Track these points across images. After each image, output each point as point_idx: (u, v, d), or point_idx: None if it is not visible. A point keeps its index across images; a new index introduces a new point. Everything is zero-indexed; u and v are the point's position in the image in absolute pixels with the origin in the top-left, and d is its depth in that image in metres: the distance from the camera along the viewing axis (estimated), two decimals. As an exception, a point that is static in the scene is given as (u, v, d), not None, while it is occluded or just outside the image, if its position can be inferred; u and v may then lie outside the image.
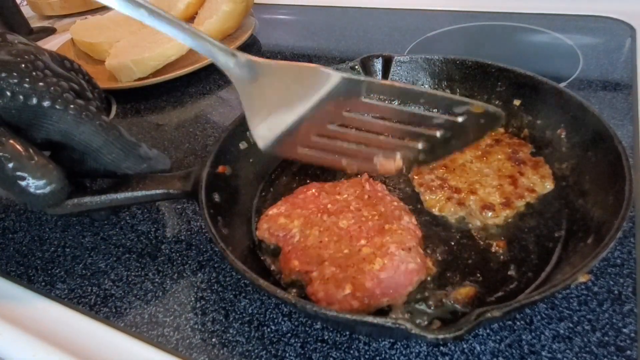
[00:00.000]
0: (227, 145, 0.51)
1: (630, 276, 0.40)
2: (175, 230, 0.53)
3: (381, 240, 0.41)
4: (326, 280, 0.39)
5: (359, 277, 0.39)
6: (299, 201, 0.48)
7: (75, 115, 0.43)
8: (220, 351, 0.39)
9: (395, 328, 0.30)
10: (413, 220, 0.45)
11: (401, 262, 0.39)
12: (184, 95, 0.81)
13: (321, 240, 0.43)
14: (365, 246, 0.42)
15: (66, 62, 0.50)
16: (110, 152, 0.45)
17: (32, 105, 0.42)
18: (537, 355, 0.36)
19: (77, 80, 0.47)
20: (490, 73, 0.56)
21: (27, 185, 0.41)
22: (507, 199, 0.46)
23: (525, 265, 0.41)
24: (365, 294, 0.38)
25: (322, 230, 0.44)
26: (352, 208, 0.46)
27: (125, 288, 0.47)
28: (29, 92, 0.41)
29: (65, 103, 0.43)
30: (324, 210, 0.46)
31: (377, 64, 0.61)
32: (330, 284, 0.38)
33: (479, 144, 0.53)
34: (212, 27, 0.89)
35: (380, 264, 0.39)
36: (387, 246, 0.41)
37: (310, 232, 0.44)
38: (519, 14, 0.88)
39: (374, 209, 0.45)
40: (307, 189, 0.49)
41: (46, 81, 0.42)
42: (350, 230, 0.43)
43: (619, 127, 0.56)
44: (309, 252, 0.42)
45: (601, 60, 0.71)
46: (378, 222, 0.44)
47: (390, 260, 0.39)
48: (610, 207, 0.38)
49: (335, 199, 0.47)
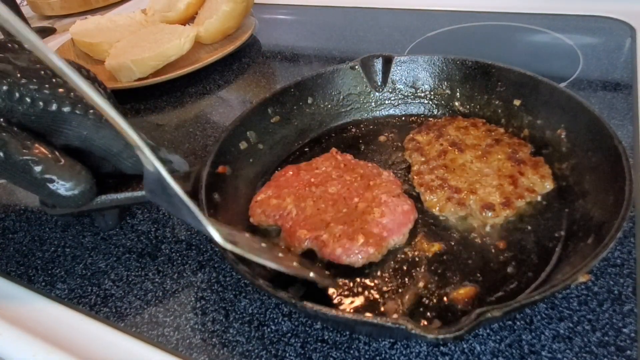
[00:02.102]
0: (226, 145, 0.51)
1: (630, 276, 0.40)
2: (175, 230, 0.53)
3: (371, 194, 0.47)
4: (338, 238, 0.42)
5: (366, 227, 0.43)
6: (282, 182, 0.50)
7: (95, 120, 0.43)
8: (221, 351, 0.39)
9: (395, 328, 0.30)
10: (391, 174, 0.50)
11: (396, 206, 0.45)
12: (184, 95, 0.81)
13: (318, 208, 0.46)
14: (359, 202, 0.46)
15: (83, 70, 0.50)
16: (131, 156, 0.45)
17: (52, 111, 0.42)
18: (537, 355, 0.36)
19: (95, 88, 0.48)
20: (490, 73, 0.56)
21: (57, 188, 0.41)
22: (507, 198, 0.46)
23: (525, 265, 0.41)
24: (376, 239, 0.42)
25: (316, 200, 0.47)
26: (334, 176, 0.50)
27: (125, 288, 0.47)
28: (49, 98, 0.41)
29: (85, 108, 0.43)
30: (309, 183, 0.49)
31: (377, 64, 0.61)
32: (344, 239, 0.42)
33: (480, 143, 0.53)
34: (212, 27, 0.89)
35: (379, 212, 0.44)
36: (379, 197, 0.46)
37: (306, 204, 0.47)
38: (519, 14, 0.88)
39: (353, 172, 0.50)
40: (284, 171, 0.52)
41: (66, 87, 0.43)
42: (341, 194, 0.48)
43: (619, 127, 0.56)
44: (311, 221, 0.45)
45: (601, 60, 0.71)
46: (362, 181, 0.49)
47: (387, 207, 0.45)
48: (610, 207, 0.38)
49: (315, 173, 0.51)
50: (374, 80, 0.62)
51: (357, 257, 0.42)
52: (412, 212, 0.46)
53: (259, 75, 0.85)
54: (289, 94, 0.59)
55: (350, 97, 0.62)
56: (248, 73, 0.86)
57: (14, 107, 0.40)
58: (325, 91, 0.61)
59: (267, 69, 0.86)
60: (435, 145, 0.54)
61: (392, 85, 0.62)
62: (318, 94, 0.61)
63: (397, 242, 0.44)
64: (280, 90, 0.58)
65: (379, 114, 0.63)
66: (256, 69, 0.87)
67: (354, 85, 0.62)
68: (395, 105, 0.63)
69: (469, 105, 0.59)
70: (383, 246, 0.43)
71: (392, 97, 0.63)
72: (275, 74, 0.85)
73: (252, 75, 0.85)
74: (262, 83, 0.82)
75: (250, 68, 0.87)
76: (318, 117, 0.60)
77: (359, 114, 0.63)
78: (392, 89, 0.62)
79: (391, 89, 0.62)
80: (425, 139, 0.55)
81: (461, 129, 0.55)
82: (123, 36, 0.90)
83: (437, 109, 0.61)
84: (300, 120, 0.59)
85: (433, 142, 0.54)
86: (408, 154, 0.55)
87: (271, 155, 0.57)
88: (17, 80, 0.40)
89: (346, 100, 0.62)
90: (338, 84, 0.61)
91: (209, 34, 0.90)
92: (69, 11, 1.26)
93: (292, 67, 0.86)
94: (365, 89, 0.62)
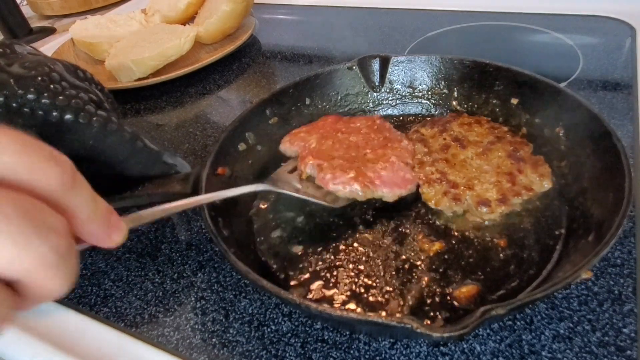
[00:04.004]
0: (226, 147, 0.51)
1: (631, 276, 0.40)
2: (175, 230, 0.53)
3: (384, 152, 0.50)
4: (335, 167, 0.47)
5: (362, 169, 0.47)
6: (319, 125, 0.55)
7: (99, 128, 0.42)
8: (221, 351, 0.39)
9: (400, 327, 0.30)
10: (411, 145, 0.53)
11: (400, 170, 0.48)
12: (184, 95, 0.81)
13: (333, 147, 0.51)
14: (370, 153, 0.49)
15: (79, 71, 0.48)
16: (138, 162, 0.44)
17: (53, 121, 0.40)
18: (537, 355, 0.36)
19: (94, 91, 0.46)
20: (488, 72, 0.57)
21: None
22: (503, 195, 0.46)
23: (526, 263, 0.41)
24: (366, 180, 0.45)
25: (335, 142, 0.52)
26: (363, 132, 0.53)
27: (125, 288, 0.47)
28: (49, 108, 0.39)
29: (89, 116, 0.41)
30: (338, 130, 0.54)
31: (375, 64, 0.61)
32: (338, 170, 0.46)
33: (482, 140, 0.53)
34: (212, 27, 0.89)
35: (382, 166, 0.47)
36: (389, 156, 0.49)
37: (325, 142, 0.51)
38: (519, 14, 0.88)
39: (380, 134, 0.53)
40: (326, 117, 0.57)
41: (65, 94, 0.40)
42: (358, 143, 0.51)
43: (619, 127, 0.56)
44: (322, 153, 0.50)
45: (601, 60, 0.71)
46: (382, 141, 0.52)
47: (391, 166, 0.48)
48: (610, 205, 0.38)
49: (350, 126, 0.55)
50: (372, 81, 0.62)
51: (340, 187, 0.45)
52: (411, 182, 0.48)
53: (259, 75, 0.85)
54: (287, 94, 0.59)
55: (348, 97, 0.62)
56: (248, 73, 0.86)
57: (13, 119, 0.38)
58: (322, 92, 0.61)
59: (267, 69, 0.86)
60: (439, 139, 0.54)
61: (390, 85, 0.62)
62: (316, 94, 0.61)
63: (384, 196, 0.46)
64: (278, 91, 0.58)
65: (377, 114, 0.63)
66: (256, 69, 0.87)
67: (351, 85, 0.62)
68: (393, 105, 0.63)
69: (467, 104, 0.59)
70: (369, 189, 0.45)
71: (390, 98, 0.63)
72: (275, 74, 0.85)
73: (252, 75, 0.85)
74: (262, 83, 0.82)
75: (250, 68, 0.87)
76: (316, 117, 0.60)
77: (357, 115, 0.63)
78: (390, 89, 0.62)
79: (389, 89, 0.62)
80: (429, 132, 0.56)
81: (465, 125, 0.55)
82: (123, 36, 0.90)
83: (434, 109, 0.61)
84: (298, 120, 0.59)
85: (437, 136, 0.55)
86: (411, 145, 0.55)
87: (270, 156, 0.57)
88: (14, 92, 0.38)
89: (344, 100, 0.62)
90: (335, 84, 0.61)
91: (209, 34, 0.90)
92: (69, 11, 1.26)
93: (292, 67, 0.86)
94: (363, 89, 0.62)
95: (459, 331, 0.29)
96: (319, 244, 0.46)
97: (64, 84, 0.41)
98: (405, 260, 0.43)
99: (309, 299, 0.41)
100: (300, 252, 0.45)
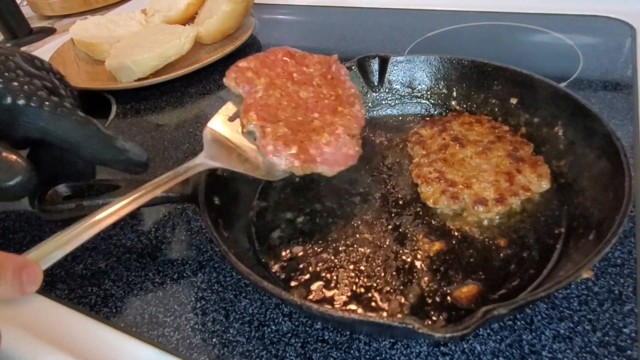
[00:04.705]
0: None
1: (631, 276, 0.40)
2: (176, 230, 0.53)
3: (332, 119, 0.48)
4: (277, 137, 0.44)
5: (306, 143, 0.45)
6: (269, 62, 0.51)
7: (50, 111, 0.44)
8: (221, 351, 0.39)
9: (402, 327, 0.30)
10: (362, 110, 0.51)
11: (344, 145, 0.46)
12: (184, 95, 0.81)
13: (280, 103, 0.48)
14: (317, 119, 0.48)
15: (36, 61, 0.50)
16: (89, 145, 0.46)
17: (7, 104, 0.42)
18: (538, 355, 0.36)
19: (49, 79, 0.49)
20: (486, 72, 0.57)
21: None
22: (501, 195, 0.46)
23: (527, 263, 0.41)
24: (308, 158, 0.44)
25: (283, 95, 0.49)
26: (314, 83, 0.51)
27: (125, 288, 0.47)
28: (3, 92, 0.42)
29: (40, 100, 0.44)
30: (289, 77, 0.51)
31: (374, 64, 0.61)
32: (280, 142, 0.44)
33: (481, 140, 0.53)
34: (212, 27, 0.89)
35: (327, 139, 0.46)
36: (336, 126, 0.47)
37: (273, 93, 0.48)
38: (519, 14, 0.88)
39: (333, 89, 0.51)
40: (279, 51, 0.53)
41: (19, 80, 0.43)
42: (307, 102, 0.49)
43: (619, 127, 0.56)
44: (267, 109, 0.47)
45: (601, 60, 0.71)
46: (333, 102, 0.50)
47: (336, 140, 0.46)
48: (610, 204, 0.38)
49: (301, 70, 0.52)
50: (371, 81, 0.62)
51: (280, 161, 0.44)
52: (352, 159, 0.47)
53: (259, 75, 0.85)
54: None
55: (348, 97, 0.62)
56: (248, 73, 0.85)
57: None
58: (322, 91, 0.61)
59: (267, 69, 0.86)
60: (438, 139, 0.54)
61: (389, 85, 0.62)
62: (315, 93, 0.61)
63: (323, 172, 0.45)
64: None
65: (376, 114, 0.63)
66: (256, 69, 0.86)
67: (350, 85, 0.62)
68: (392, 105, 0.63)
69: (466, 104, 0.59)
70: (309, 167, 0.45)
71: (389, 98, 0.63)
72: (275, 74, 0.85)
73: (252, 76, 0.85)
74: (262, 83, 0.82)
75: (250, 68, 0.87)
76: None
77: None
78: (389, 89, 0.62)
79: (388, 89, 0.62)
80: (428, 133, 0.56)
81: (465, 124, 0.55)
82: (123, 36, 0.90)
83: (434, 109, 0.62)
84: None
85: (436, 136, 0.55)
86: (410, 147, 0.56)
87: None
88: None
89: (344, 100, 0.62)
90: (335, 84, 0.61)
91: (209, 34, 0.90)
92: (69, 11, 1.26)
93: (292, 67, 0.86)
94: (362, 89, 0.62)
95: (461, 331, 0.29)
96: (319, 244, 0.46)
97: (18, 71, 0.44)
98: (405, 260, 0.43)
99: (310, 299, 0.41)
100: (300, 253, 0.45)
